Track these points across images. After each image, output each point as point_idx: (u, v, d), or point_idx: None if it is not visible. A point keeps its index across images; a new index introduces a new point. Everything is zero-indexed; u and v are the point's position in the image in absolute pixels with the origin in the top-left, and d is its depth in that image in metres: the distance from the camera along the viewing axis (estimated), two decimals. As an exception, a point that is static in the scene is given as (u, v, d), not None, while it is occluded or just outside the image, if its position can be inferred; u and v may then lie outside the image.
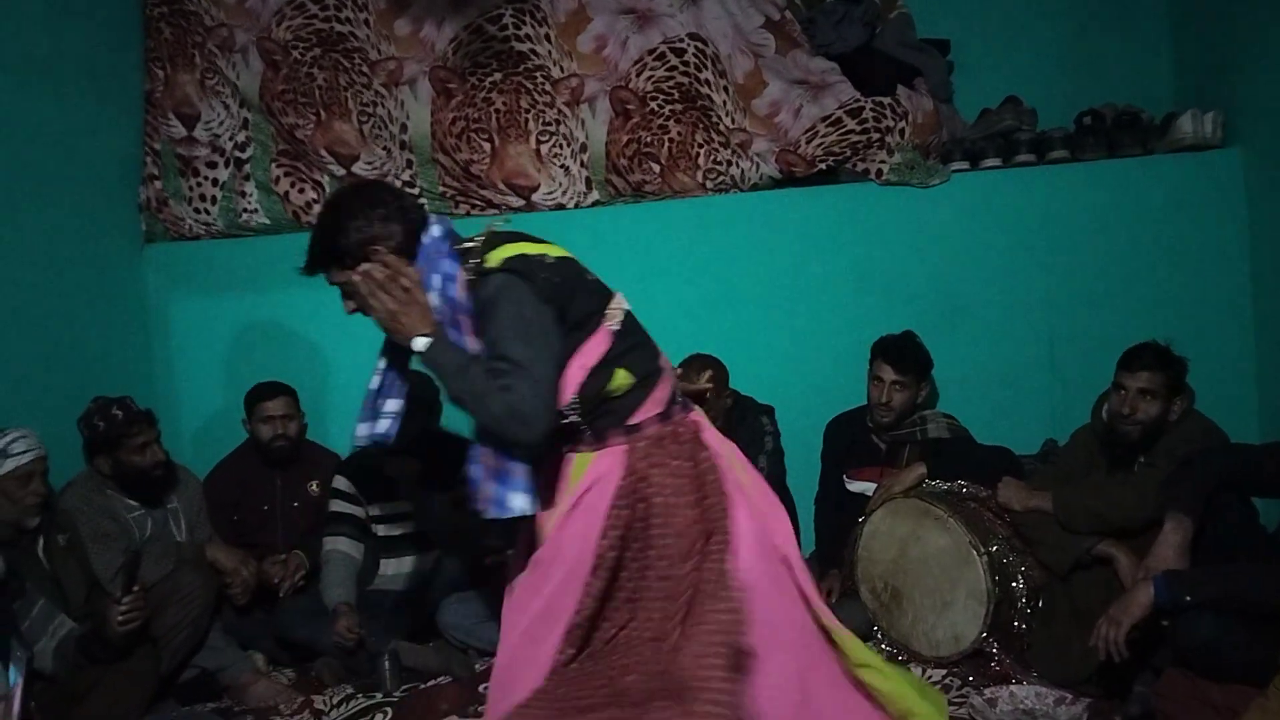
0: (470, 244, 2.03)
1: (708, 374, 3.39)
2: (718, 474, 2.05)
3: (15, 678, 1.95)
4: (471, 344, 1.96)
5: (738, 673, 1.89)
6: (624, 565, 2.01)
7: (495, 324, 1.91)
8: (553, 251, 2.05)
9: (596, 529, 1.99)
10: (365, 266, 1.99)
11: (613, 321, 2.04)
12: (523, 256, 1.97)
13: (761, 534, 2.05)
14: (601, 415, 2.04)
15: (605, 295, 2.08)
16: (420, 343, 1.96)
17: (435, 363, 1.96)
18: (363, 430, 2.15)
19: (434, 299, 1.99)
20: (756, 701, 1.91)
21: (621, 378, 2.03)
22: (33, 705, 2.48)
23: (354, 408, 3.81)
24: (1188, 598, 2.39)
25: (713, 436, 2.13)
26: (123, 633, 2.66)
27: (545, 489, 2.04)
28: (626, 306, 2.09)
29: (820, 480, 3.59)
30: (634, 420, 2.05)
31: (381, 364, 2.16)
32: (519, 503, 1.94)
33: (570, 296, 1.99)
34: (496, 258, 1.96)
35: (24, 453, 2.75)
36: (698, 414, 2.16)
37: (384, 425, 2.11)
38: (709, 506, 2.02)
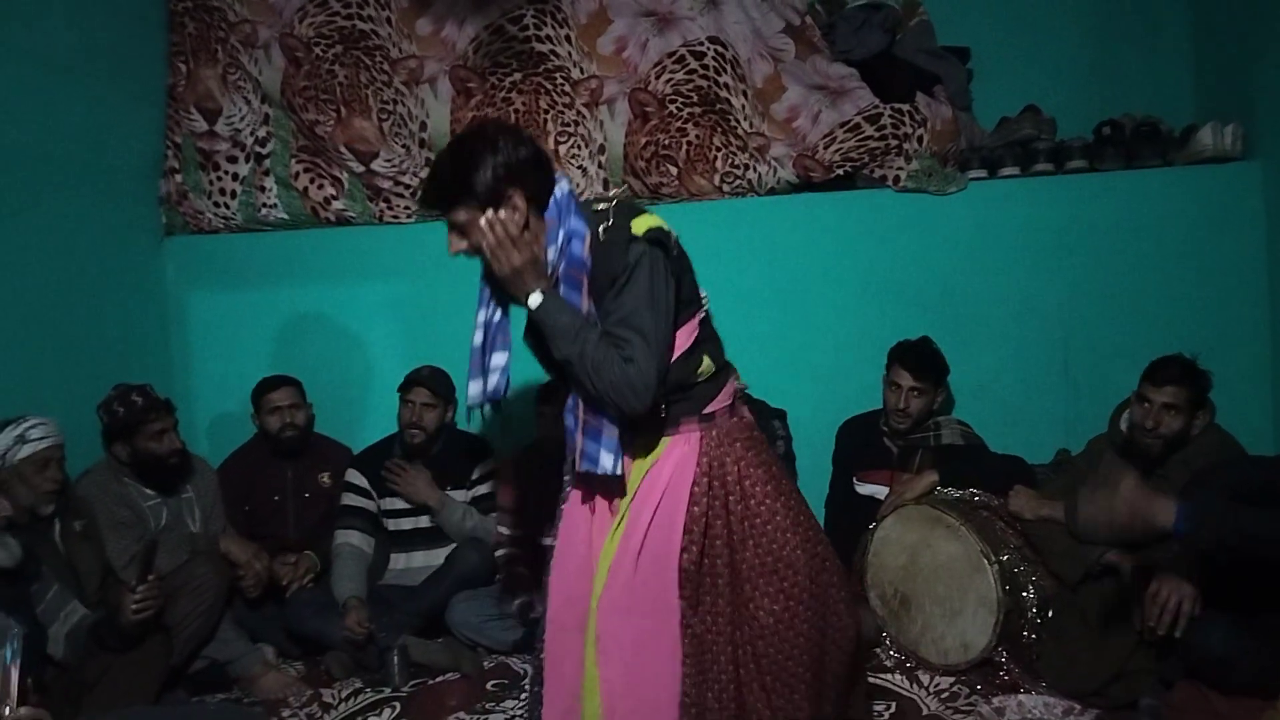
0: (598, 206, 2.01)
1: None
2: (783, 469, 2.17)
3: (10, 655, 1.96)
4: (584, 305, 1.94)
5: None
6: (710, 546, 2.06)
7: (630, 293, 1.90)
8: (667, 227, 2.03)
9: (680, 513, 2.03)
10: (500, 215, 1.90)
11: (704, 311, 2.09)
12: (661, 229, 1.96)
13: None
14: (680, 400, 2.05)
15: (694, 283, 2.10)
16: (534, 299, 1.92)
17: (547, 321, 1.91)
18: (474, 390, 2.03)
19: (552, 254, 1.95)
20: None
21: (706, 364, 2.06)
22: (29, 682, 2.49)
23: (369, 402, 3.90)
24: (1205, 532, 2.23)
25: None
26: (136, 621, 2.68)
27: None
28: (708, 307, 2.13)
29: (830, 483, 3.60)
30: (708, 410, 2.08)
31: (481, 318, 2.05)
32: (608, 463, 1.97)
33: (683, 276, 2.02)
34: (641, 226, 1.93)
35: (41, 439, 2.77)
36: (749, 413, 2.22)
37: (494, 381, 2.01)
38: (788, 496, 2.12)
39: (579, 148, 3.93)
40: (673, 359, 1.99)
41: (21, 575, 2.57)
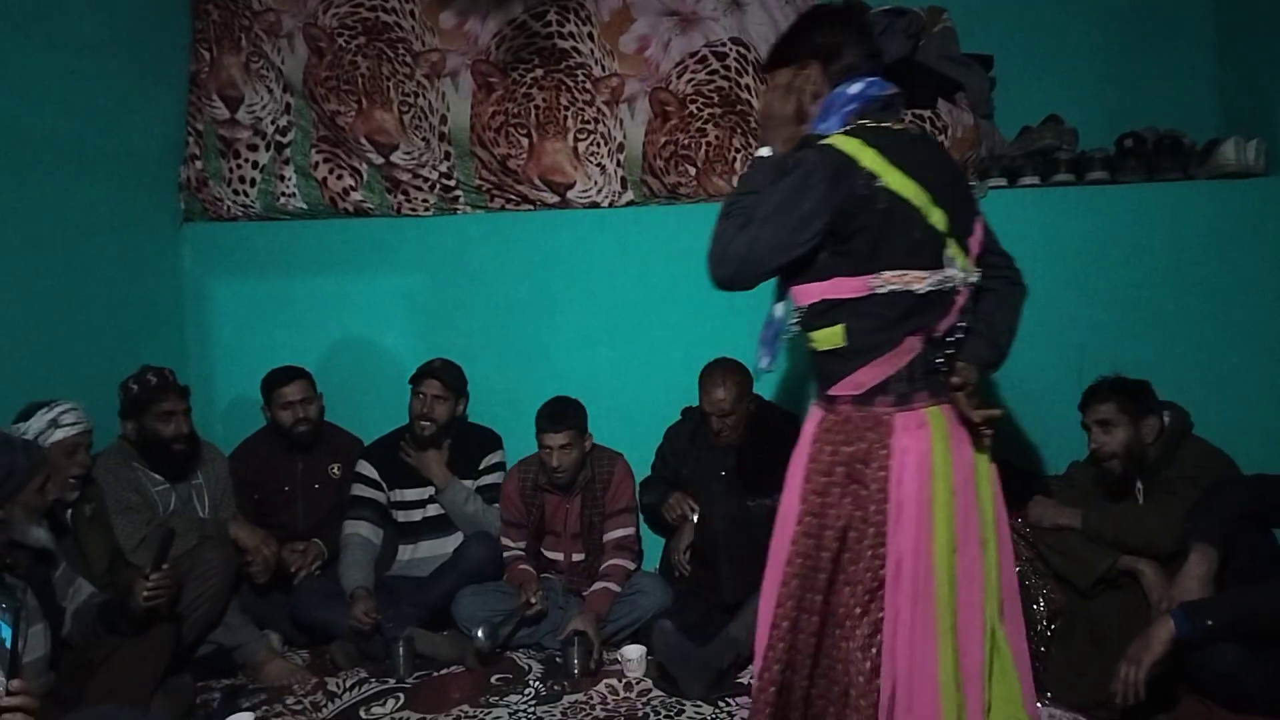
0: (867, 123, 1.95)
1: (731, 382, 3.41)
2: (883, 485, 1.92)
3: (4, 635, 1.96)
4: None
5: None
6: (823, 530, 1.98)
7: (783, 178, 1.94)
8: (905, 189, 1.89)
9: (798, 477, 2.03)
10: (790, 71, 2.03)
11: (883, 284, 1.91)
12: (853, 163, 1.86)
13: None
14: (818, 369, 2.05)
15: (910, 256, 1.92)
16: (764, 151, 2.03)
17: (753, 170, 2.03)
18: (764, 356, 2.15)
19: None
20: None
21: (831, 334, 1.98)
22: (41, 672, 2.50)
23: (381, 393, 3.90)
24: (1209, 622, 2.37)
25: (911, 449, 1.93)
26: (147, 608, 2.69)
27: None
28: (925, 289, 1.93)
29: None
30: (832, 390, 2.00)
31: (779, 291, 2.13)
32: (764, 361, 2.12)
33: (855, 217, 1.88)
34: (845, 142, 1.89)
35: (73, 424, 2.83)
36: (910, 422, 1.95)
37: (777, 351, 2.14)
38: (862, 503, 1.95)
39: (598, 145, 3.93)
40: (813, 302, 1.98)
41: (43, 560, 2.58)
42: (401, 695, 3.07)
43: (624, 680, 3.12)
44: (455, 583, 3.39)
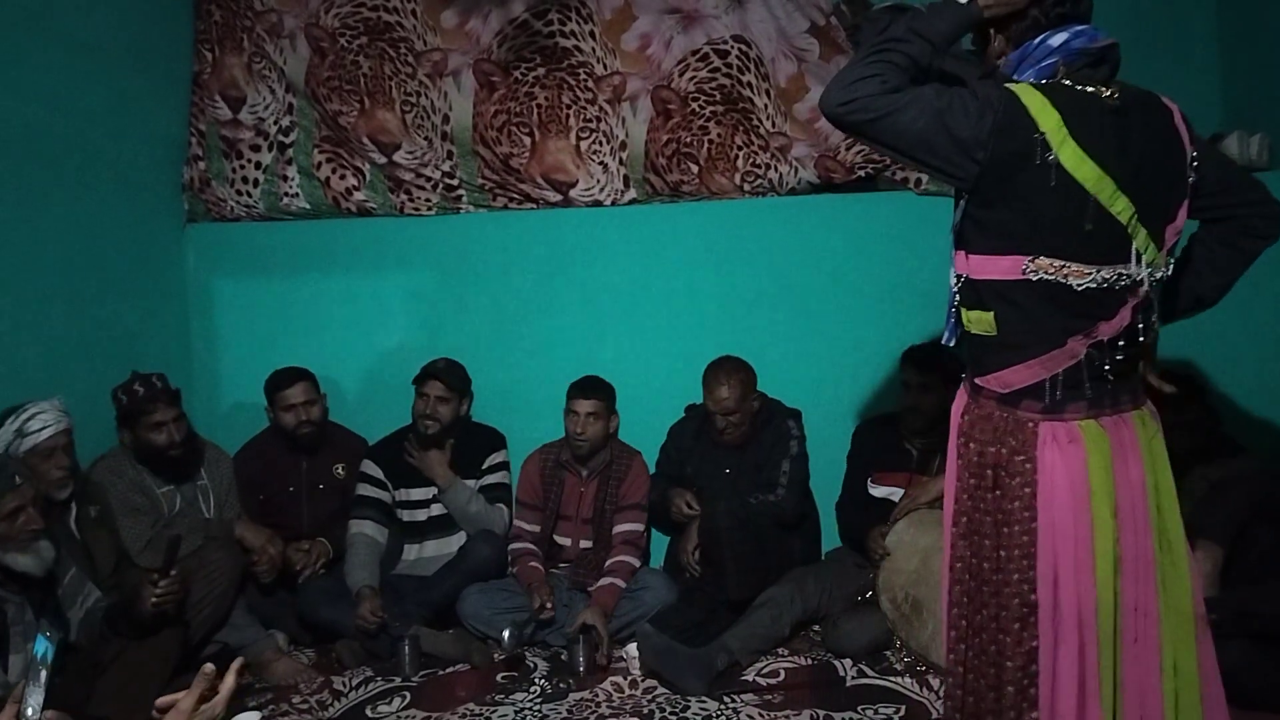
0: (1067, 82, 1.72)
1: (734, 380, 3.41)
2: (1019, 492, 1.76)
3: (48, 654, 1.97)
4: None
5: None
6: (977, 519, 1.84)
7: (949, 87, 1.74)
8: (1081, 170, 1.66)
9: (953, 471, 1.91)
10: None
11: (1036, 268, 1.70)
12: (1032, 124, 1.65)
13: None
14: (969, 351, 1.88)
15: (1078, 247, 1.69)
16: (972, 9, 1.79)
17: (944, 16, 1.80)
18: (946, 331, 1.95)
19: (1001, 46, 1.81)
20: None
21: (984, 320, 1.80)
22: (57, 681, 2.51)
23: (385, 393, 3.90)
24: (1213, 616, 2.35)
25: (1060, 465, 1.74)
26: (155, 613, 2.69)
27: None
28: (1085, 284, 1.70)
29: (844, 483, 3.58)
30: (978, 380, 1.85)
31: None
32: (946, 336, 1.93)
33: (1011, 182, 1.68)
34: (1030, 96, 1.67)
35: (41, 430, 2.77)
36: (1060, 434, 1.76)
37: (956, 328, 1.92)
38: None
39: (600, 144, 3.93)
40: (967, 272, 1.79)
41: (52, 573, 2.56)
42: (407, 694, 3.07)
43: (629, 677, 3.13)
44: (460, 581, 3.39)
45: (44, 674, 1.98)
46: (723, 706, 2.91)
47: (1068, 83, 1.72)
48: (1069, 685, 1.72)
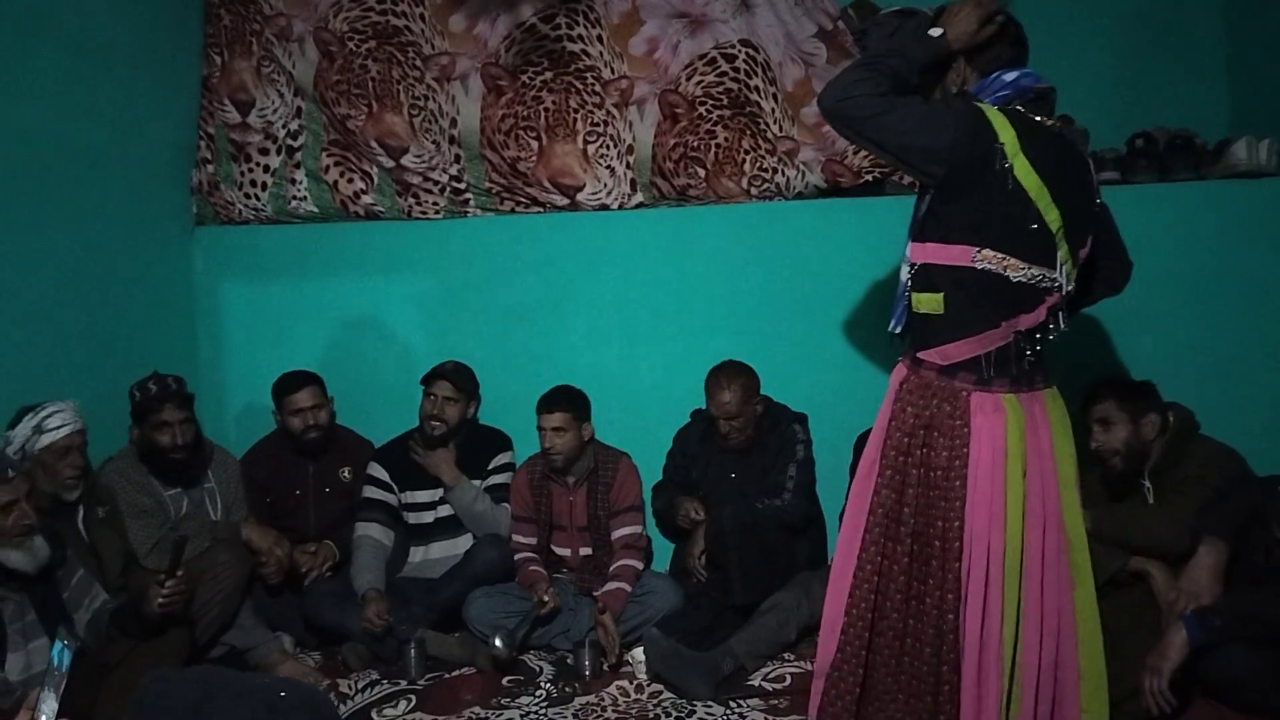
0: (1031, 116, 2.10)
1: (736, 385, 3.41)
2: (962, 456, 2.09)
3: (64, 662, 1.97)
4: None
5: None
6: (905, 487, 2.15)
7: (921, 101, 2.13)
8: (1029, 179, 2.03)
9: (882, 429, 2.19)
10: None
11: (982, 259, 2.07)
12: (994, 134, 2.02)
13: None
14: (914, 330, 2.20)
15: (1018, 244, 2.06)
16: (936, 31, 2.16)
17: (922, 44, 2.18)
18: (893, 320, 2.32)
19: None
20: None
21: (933, 300, 2.13)
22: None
23: (392, 396, 3.91)
24: (1218, 622, 2.37)
25: (985, 429, 2.09)
26: (161, 614, 2.70)
27: None
28: (1019, 278, 2.07)
29: (847, 492, 3.56)
30: (921, 355, 2.16)
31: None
32: (893, 325, 2.30)
33: (974, 180, 2.03)
34: (993, 114, 2.04)
35: (59, 428, 2.79)
36: (986, 404, 2.10)
37: (903, 315, 2.28)
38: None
39: (608, 148, 3.93)
40: (920, 262, 2.15)
41: (50, 571, 2.56)
42: (413, 697, 3.07)
43: (635, 682, 3.13)
44: (466, 584, 3.39)
45: (60, 681, 1.98)
46: (728, 711, 2.91)
47: (1020, 109, 2.10)
48: (975, 608, 2.06)
